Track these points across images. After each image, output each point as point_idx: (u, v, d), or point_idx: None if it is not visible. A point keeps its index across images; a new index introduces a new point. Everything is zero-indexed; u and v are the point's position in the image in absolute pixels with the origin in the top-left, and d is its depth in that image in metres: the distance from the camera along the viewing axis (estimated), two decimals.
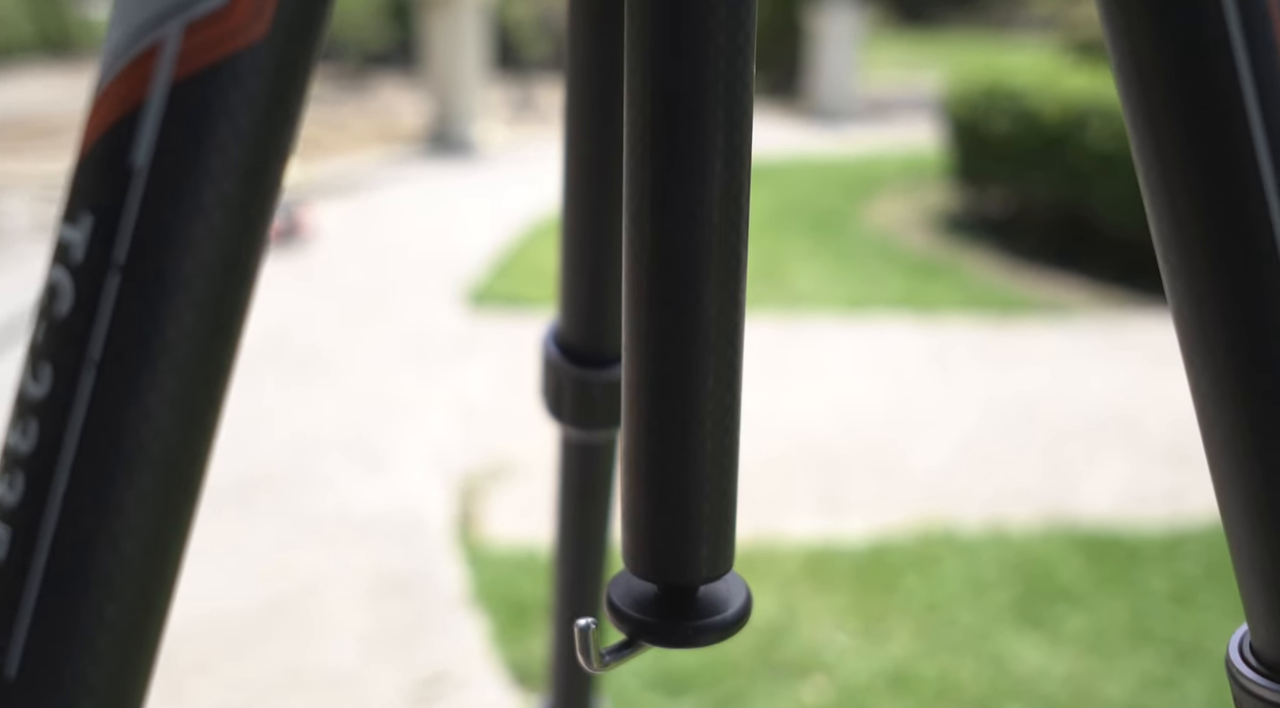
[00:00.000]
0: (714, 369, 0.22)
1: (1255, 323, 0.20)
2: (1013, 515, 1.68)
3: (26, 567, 0.17)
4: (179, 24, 0.16)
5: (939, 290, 2.95)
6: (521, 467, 1.82)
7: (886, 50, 11.28)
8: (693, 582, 0.24)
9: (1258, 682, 0.22)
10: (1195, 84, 0.19)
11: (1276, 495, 0.20)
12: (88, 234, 0.17)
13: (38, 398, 0.17)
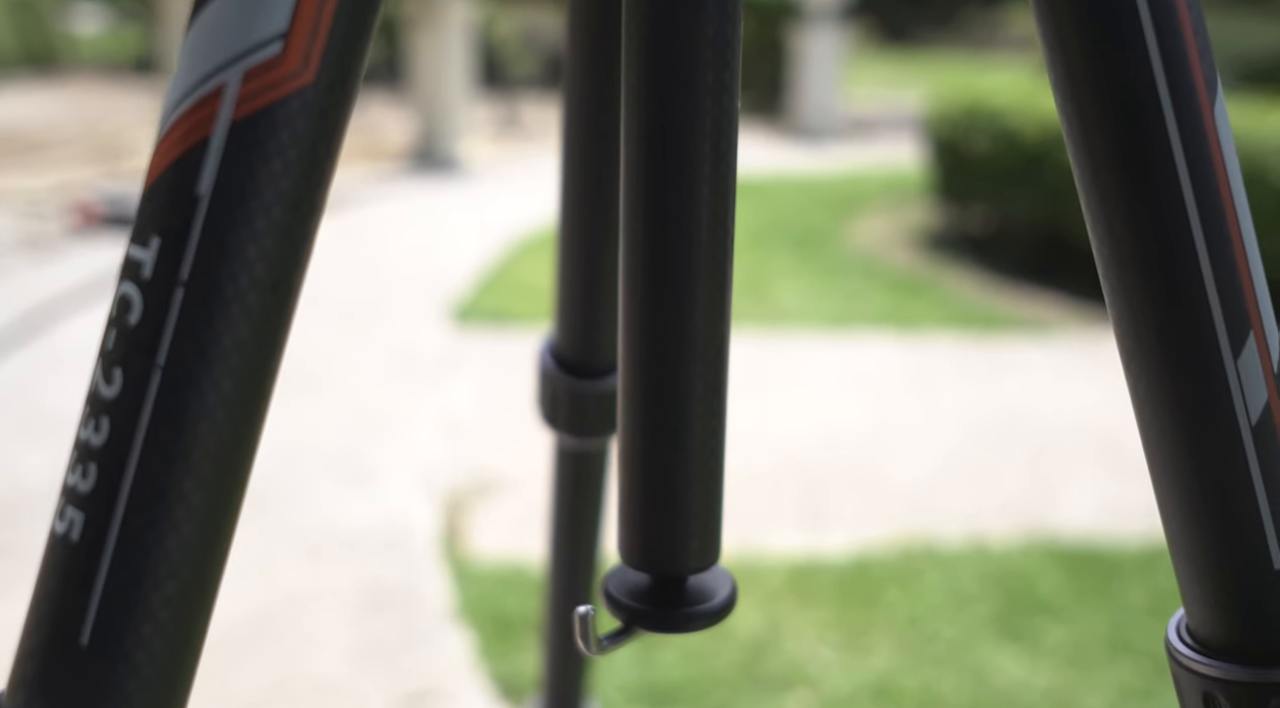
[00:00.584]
0: (703, 377, 0.24)
1: (1182, 336, 0.22)
2: (993, 530, 1.70)
3: (99, 547, 0.19)
4: (239, 70, 0.19)
5: (921, 307, 2.98)
6: (507, 482, 1.83)
7: (869, 69, 11.39)
8: (682, 572, 0.26)
9: (1191, 657, 0.24)
10: (1124, 117, 0.21)
11: (1205, 493, 0.23)
12: (155, 253, 0.19)
13: (109, 398, 0.19)
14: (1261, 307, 0.22)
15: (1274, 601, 0.23)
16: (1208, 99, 0.21)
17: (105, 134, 5.53)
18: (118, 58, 9.83)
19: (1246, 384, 0.22)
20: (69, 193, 3.95)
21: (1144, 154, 0.21)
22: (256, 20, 0.18)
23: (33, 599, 0.20)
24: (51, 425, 2.00)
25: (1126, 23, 0.20)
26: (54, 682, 0.19)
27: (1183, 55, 0.21)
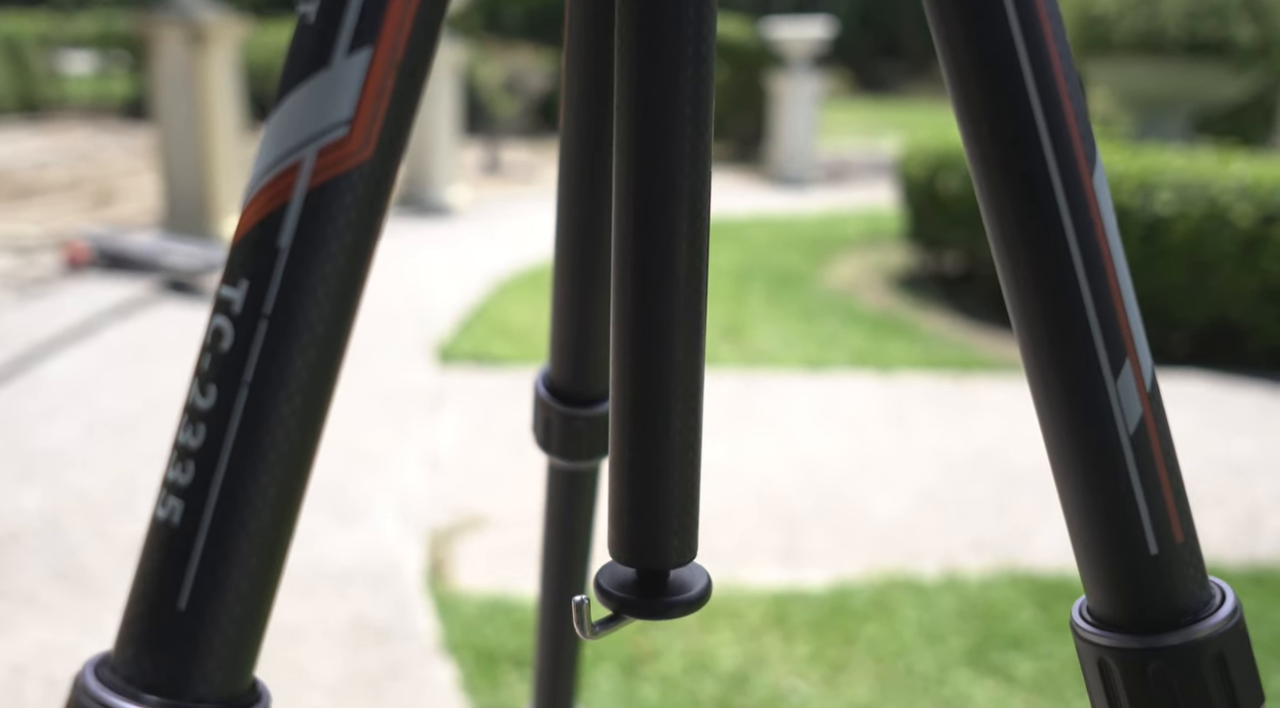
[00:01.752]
0: (681, 399, 0.29)
1: (1071, 361, 0.26)
2: (968, 565, 1.73)
3: (195, 529, 0.24)
4: (314, 149, 0.23)
5: (896, 348, 3.04)
6: (489, 520, 1.86)
7: (846, 117, 11.56)
8: (664, 566, 0.30)
9: (1088, 630, 0.29)
10: (1022, 187, 0.26)
11: (1094, 492, 0.27)
12: (244, 293, 0.23)
13: (205, 408, 0.24)
14: (1135, 337, 0.26)
15: (1151, 580, 0.27)
16: (1088, 170, 0.26)
17: (93, 178, 5.56)
18: (106, 101, 9.88)
19: (1124, 401, 0.26)
20: (58, 235, 3.97)
21: (1038, 215, 0.26)
22: (328, 109, 0.23)
23: (137, 572, 0.24)
24: (41, 464, 2.01)
25: (1023, 121, 0.25)
26: (156, 640, 0.23)
27: (1068, 140, 0.25)
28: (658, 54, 0.26)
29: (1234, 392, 2.74)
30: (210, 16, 3.65)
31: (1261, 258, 2.82)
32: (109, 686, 0.23)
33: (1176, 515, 0.27)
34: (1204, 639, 0.27)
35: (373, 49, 0.23)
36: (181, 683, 0.23)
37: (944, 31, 0.26)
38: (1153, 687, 0.27)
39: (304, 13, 0.24)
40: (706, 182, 0.28)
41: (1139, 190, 3.02)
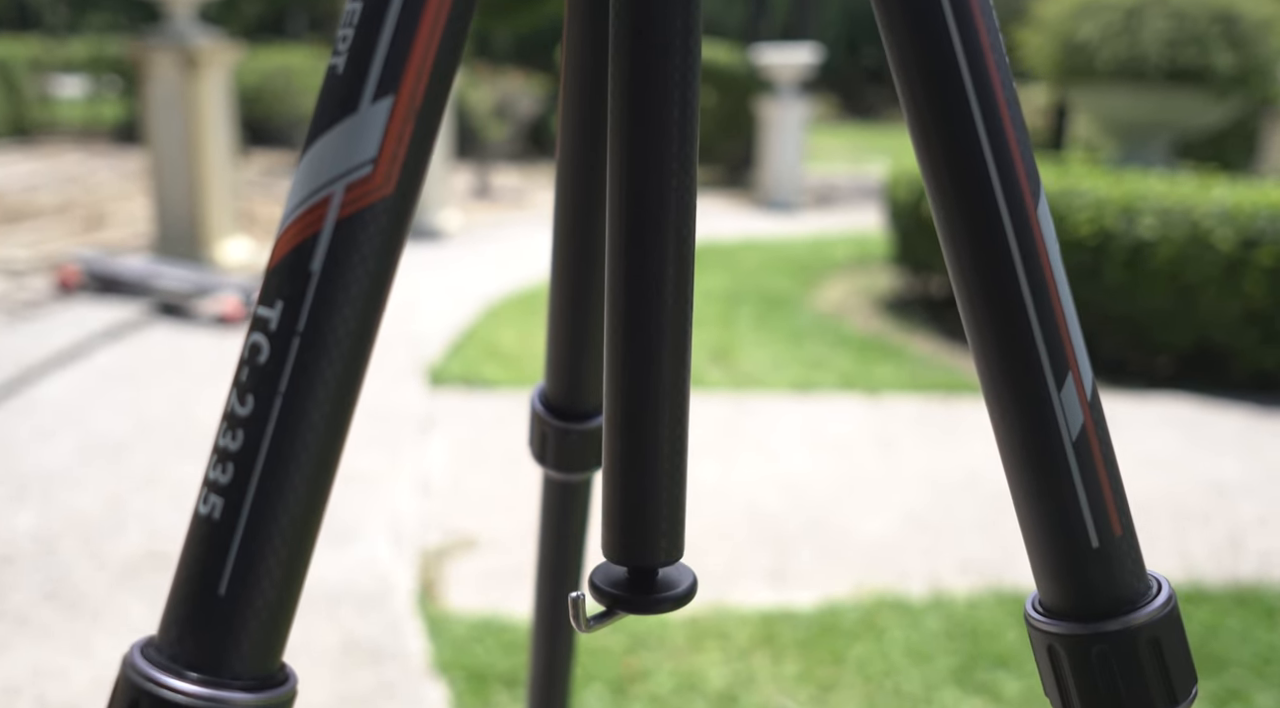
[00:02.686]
0: (669, 411, 0.31)
1: (1020, 375, 0.29)
2: (955, 585, 1.75)
3: (234, 524, 0.26)
4: (342, 185, 0.26)
5: (884, 371, 3.06)
6: (479, 541, 1.87)
7: (834, 141, 11.65)
8: (653, 565, 0.32)
9: (1038, 619, 0.31)
10: (973, 221, 0.28)
11: (1041, 493, 0.30)
12: (280, 313, 0.26)
13: (243, 415, 0.26)
14: (1077, 352, 0.29)
15: (1093, 572, 0.30)
16: (1033, 204, 0.28)
17: (84, 202, 5.57)
18: (96, 125, 9.91)
19: (1067, 410, 0.29)
20: (49, 259, 3.98)
21: (989, 246, 0.28)
22: (355, 150, 0.26)
23: (180, 562, 0.27)
24: (36, 485, 2.02)
25: (975, 163, 0.28)
26: (197, 623, 0.26)
27: (1015, 179, 0.28)
28: (647, 97, 0.29)
29: (1218, 413, 2.78)
30: (203, 41, 3.68)
31: (1243, 281, 2.86)
32: (154, 664, 0.26)
33: (1116, 513, 0.30)
34: (1141, 625, 0.30)
35: (394, 97, 0.26)
36: (220, 662, 0.26)
37: (906, 90, 0.28)
38: (1095, 669, 0.30)
39: (334, 64, 0.26)
40: (692, 212, 0.31)
41: (1123, 215, 3.06)
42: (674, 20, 0.29)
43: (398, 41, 0.26)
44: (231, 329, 3.25)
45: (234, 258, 3.91)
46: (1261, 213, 2.88)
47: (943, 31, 0.27)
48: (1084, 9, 4.15)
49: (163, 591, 1.65)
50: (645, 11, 0.29)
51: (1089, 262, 3.13)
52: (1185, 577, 1.81)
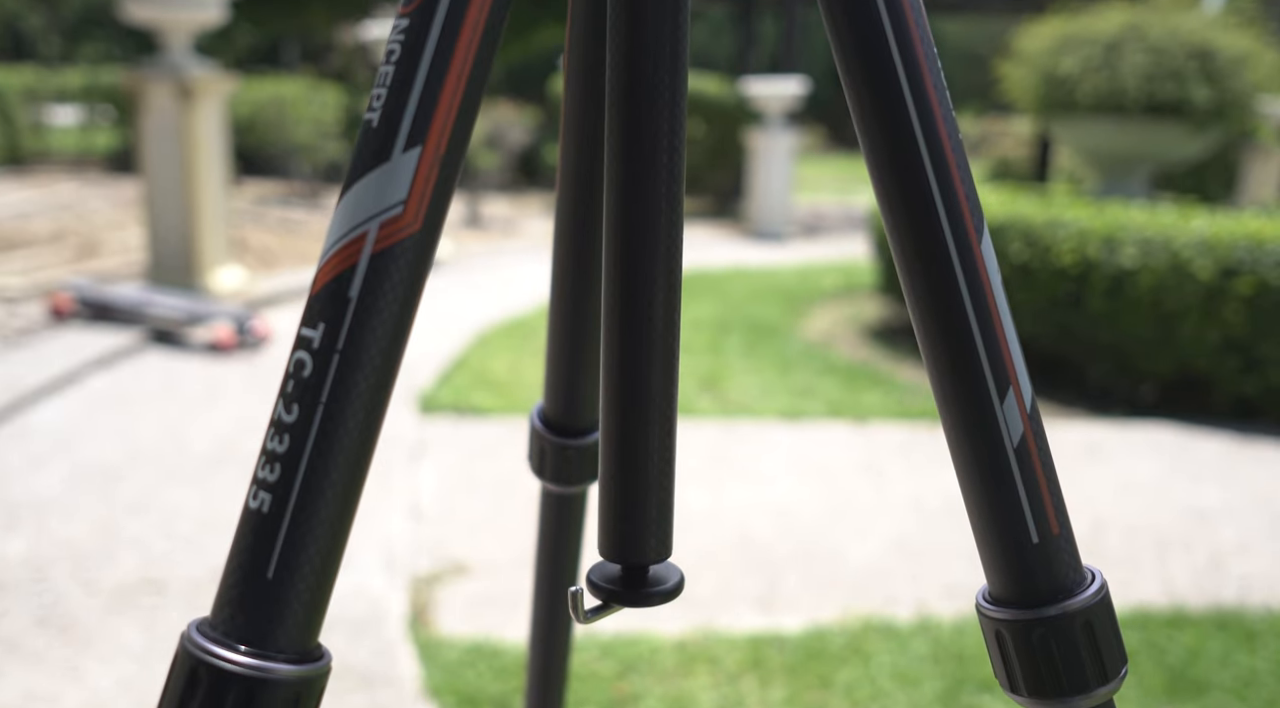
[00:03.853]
0: (659, 423, 0.35)
1: (967, 389, 0.32)
2: (941, 610, 1.77)
3: (281, 516, 0.29)
4: (376, 223, 0.30)
5: (872, 399, 3.10)
6: (470, 567, 1.88)
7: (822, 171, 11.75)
8: (644, 562, 0.36)
9: (987, 607, 0.35)
10: (923, 256, 0.32)
11: (988, 494, 0.33)
12: (321, 333, 0.29)
13: (289, 422, 0.29)
14: (1017, 370, 0.33)
15: (1034, 564, 0.33)
16: (977, 239, 0.32)
17: (77, 230, 5.59)
18: (90, 153, 9.94)
19: (1009, 421, 0.33)
20: (42, 286, 3.99)
21: (939, 277, 0.32)
22: (388, 193, 0.30)
23: (232, 550, 0.30)
24: (26, 511, 2.02)
25: (926, 205, 0.32)
26: (248, 603, 0.29)
27: (960, 218, 0.32)
28: (638, 146, 0.33)
29: (1200, 440, 2.81)
30: (198, 72, 3.73)
31: (1222, 310, 2.91)
32: (209, 638, 0.29)
33: (1053, 512, 0.33)
34: (1076, 611, 0.33)
35: (422, 147, 0.30)
36: (267, 638, 0.29)
37: (865, 140, 0.32)
38: (1036, 650, 0.33)
39: (369, 119, 0.30)
40: (679, 245, 0.34)
41: (1105, 245, 3.11)
42: (662, 80, 0.33)
43: (425, 101, 0.30)
44: (224, 357, 3.27)
45: (227, 286, 3.94)
46: (1239, 243, 2.94)
47: (899, 99, 0.31)
48: (1064, 43, 4.23)
49: (155, 616, 1.66)
50: (637, 71, 0.33)
51: (1072, 290, 3.18)
52: (1168, 601, 1.83)
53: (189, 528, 2.00)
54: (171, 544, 1.92)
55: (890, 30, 0.31)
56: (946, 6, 10.97)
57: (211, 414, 2.71)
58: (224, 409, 2.76)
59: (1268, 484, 2.48)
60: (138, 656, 1.54)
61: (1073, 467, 2.55)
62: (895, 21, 0.31)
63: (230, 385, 2.99)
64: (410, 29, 0.30)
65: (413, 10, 0.30)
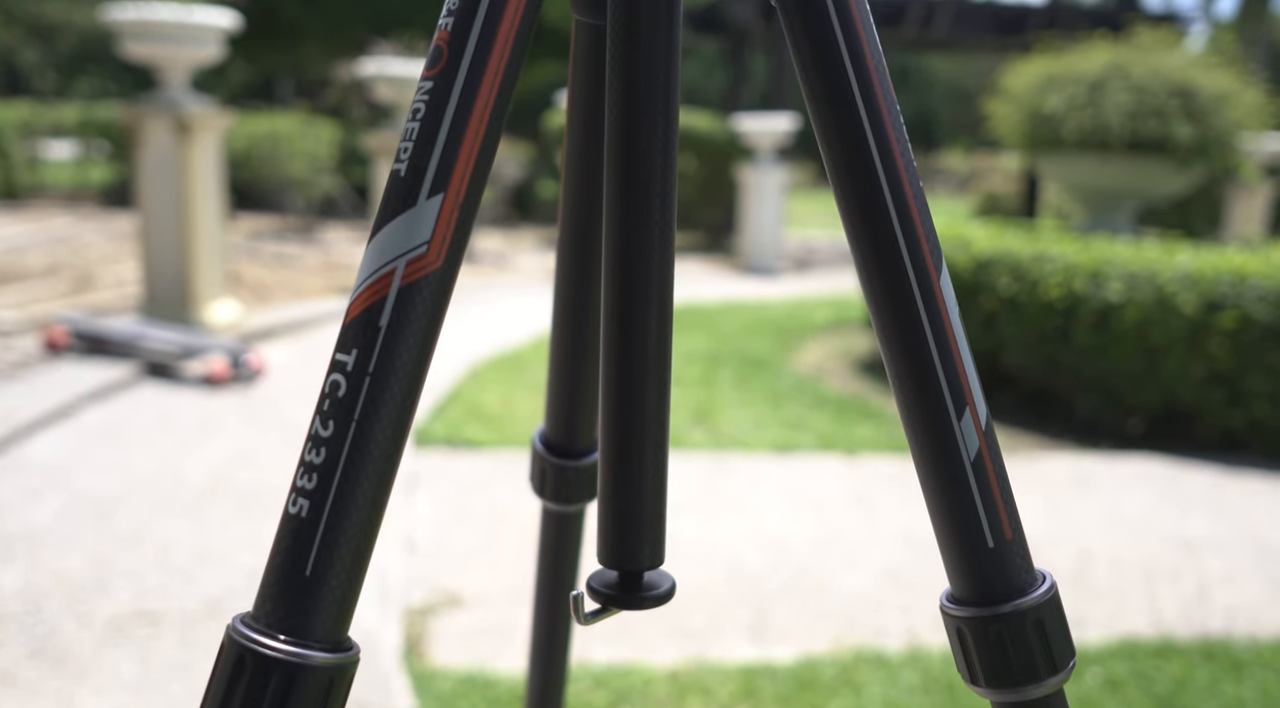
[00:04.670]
0: (652, 443, 0.39)
1: (928, 408, 0.36)
2: (931, 641, 1.79)
3: (317, 520, 0.32)
4: (404, 261, 0.33)
5: (863, 432, 3.12)
6: (464, 599, 1.89)
7: (812, 207, 11.84)
8: (639, 569, 0.40)
9: (949, 607, 0.38)
10: (886, 287, 0.36)
11: (948, 504, 0.36)
12: (354, 358, 0.33)
13: (325, 437, 0.32)
14: (974, 391, 0.36)
15: (990, 567, 0.37)
16: (936, 274, 0.36)
17: (72, 264, 5.61)
18: (84, 188, 9.99)
19: (966, 437, 0.36)
20: (37, 320, 4.01)
21: (902, 308, 0.36)
22: (414, 234, 0.33)
23: (273, 550, 0.33)
24: (20, 543, 2.03)
25: (889, 245, 0.35)
26: (288, 597, 0.33)
27: (921, 256, 0.35)
28: (631, 188, 0.37)
29: (1187, 472, 2.84)
30: (197, 108, 3.77)
31: (1207, 344, 2.95)
32: (253, 629, 0.33)
33: (1007, 520, 0.36)
34: (1028, 609, 0.36)
35: (444, 194, 0.33)
36: (304, 628, 0.32)
37: (835, 186, 0.36)
38: (992, 644, 0.37)
39: (396, 169, 0.34)
40: (670, 280, 0.38)
41: (1091, 279, 3.16)
42: (654, 151, 0.37)
43: (446, 154, 0.33)
44: (219, 390, 3.28)
45: (221, 320, 3.96)
46: (1223, 278, 2.98)
47: (867, 154, 0.35)
48: (1050, 82, 4.31)
49: (149, 648, 1.66)
50: (632, 112, 0.36)
51: (1060, 324, 3.22)
52: (1156, 631, 1.85)
53: (183, 560, 2.00)
54: (166, 576, 1.93)
55: (860, 97, 0.35)
56: (936, 45, 11.14)
57: (206, 447, 2.72)
58: (219, 442, 2.77)
59: (1254, 516, 2.51)
60: (132, 687, 1.55)
61: (1061, 499, 2.58)
62: (864, 89, 0.35)
63: (225, 418, 3.00)
64: (433, 90, 0.34)
65: (435, 74, 0.34)
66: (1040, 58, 4.54)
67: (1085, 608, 1.94)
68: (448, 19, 0.34)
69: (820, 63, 0.35)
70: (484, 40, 0.34)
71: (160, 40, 3.64)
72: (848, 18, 0.35)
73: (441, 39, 0.34)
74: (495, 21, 0.34)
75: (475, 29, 0.34)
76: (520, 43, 0.34)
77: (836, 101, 0.35)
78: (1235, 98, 4.12)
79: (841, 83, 0.35)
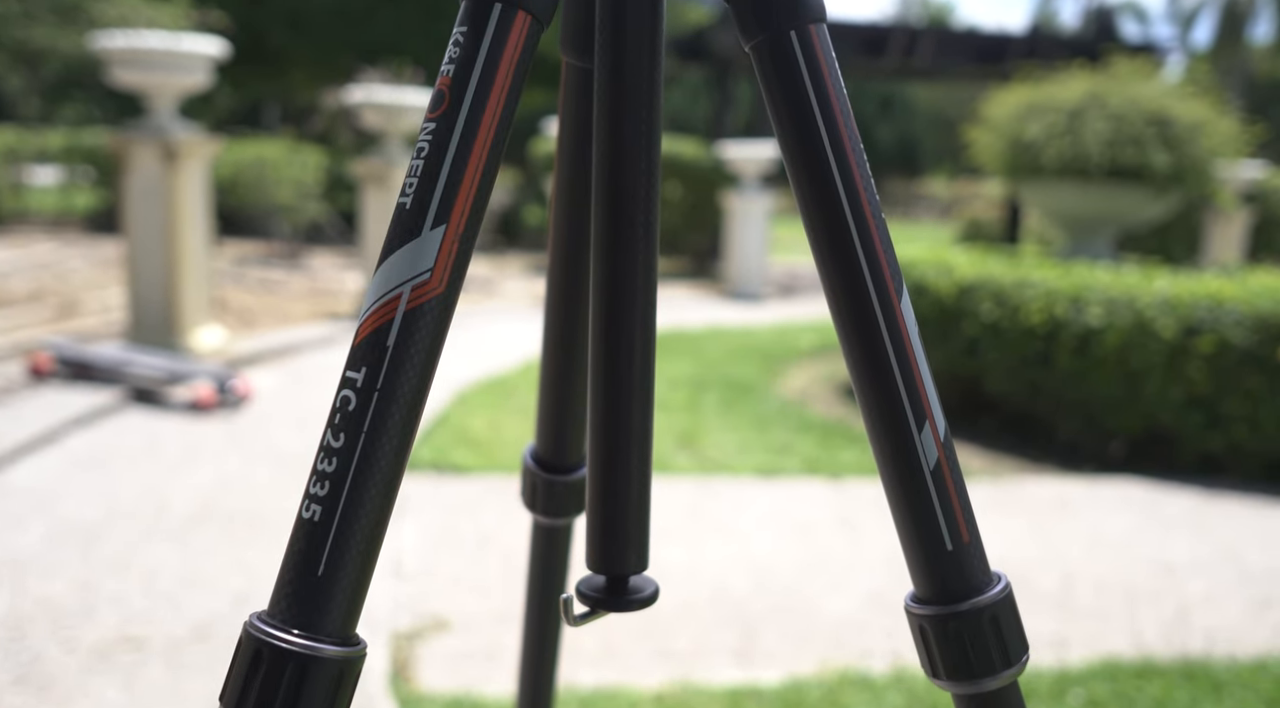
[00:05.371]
0: (637, 457, 0.42)
1: (891, 422, 0.38)
2: (915, 663, 1.80)
3: (329, 524, 0.34)
4: (409, 286, 0.36)
5: (848, 456, 3.14)
6: (450, 623, 1.90)
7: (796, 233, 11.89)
8: (625, 573, 0.43)
9: (912, 606, 0.41)
10: (852, 313, 0.39)
11: (910, 510, 0.39)
12: (363, 375, 0.35)
13: (336, 447, 0.35)
14: (933, 406, 0.39)
15: (949, 568, 0.40)
16: (898, 298, 0.39)
17: (57, 290, 5.60)
18: (69, 213, 9.97)
19: (926, 448, 0.39)
20: (22, 345, 4.00)
21: (866, 330, 0.39)
22: (418, 262, 0.36)
23: (288, 551, 0.36)
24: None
25: (854, 273, 0.39)
26: (301, 595, 0.35)
27: (883, 281, 0.39)
28: (617, 217, 0.40)
29: (1168, 495, 2.87)
30: (184, 134, 3.79)
31: (1185, 368, 2.99)
32: (268, 624, 0.35)
33: (964, 524, 0.40)
34: (984, 606, 0.39)
35: (446, 226, 0.36)
36: (316, 624, 0.35)
37: (805, 220, 0.39)
38: (952, 640, 0.39)
39: (402, 202, 0.37)
40: (653, 305, 0.41)
41: (1072, 305, 3.20)
42: (638, 183, 0.40)
43: (448, 189, 0.36)
44: (205, 416, 3.28)
45: (207, 345, 3.96)
46: (1201, 303, 3.03)
47: (832, 185, 0.38)
48: (1030, 110, 4.38)
49: (135, 674, 1.66)
50: (617, 147, 0.39)
51: (1041, 349, 3.26)
52: (1137, 652, 1.87)
53: (169, 586, 2.00)
54: (151, 602, 1.92)
55: (827, 138, 0.38)
56: (918, 73, 11.27)
57: (192, 473, 2.72)
58: (205, 467, 2.77)
59: (1234, 538, 2.54)
60: None
61: (1044, 522, 2.60)
62: (830, 130, 0.38)
63: (211, 444, 2.99)
64: (436, 131, 0.37)
65: (438, 116, 0.37)
66: (1020, 87, 4.62)
67: (1068, 629, 1.96)
68: (449, 66, 0.37)
69: (790, 106, 0.38)
70: (482, 86, 0.36)
71: (149, 68, 3.67)
72: (815, 65, 0.38)
73: (444, 84, 0.37)
74: (493, 69, 0.36)
75: (474, 76, 0.36)
76: (515, 88, 0.37)
77: (805, 141, 0.38)
78: (1210, 126, 4.19)
79: (809, 124, 0.38)
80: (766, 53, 0.38)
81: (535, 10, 0.37)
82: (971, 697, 0.40)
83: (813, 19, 0.38)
